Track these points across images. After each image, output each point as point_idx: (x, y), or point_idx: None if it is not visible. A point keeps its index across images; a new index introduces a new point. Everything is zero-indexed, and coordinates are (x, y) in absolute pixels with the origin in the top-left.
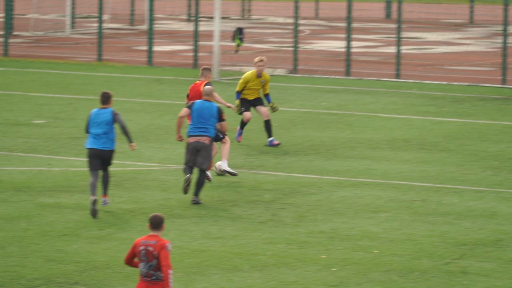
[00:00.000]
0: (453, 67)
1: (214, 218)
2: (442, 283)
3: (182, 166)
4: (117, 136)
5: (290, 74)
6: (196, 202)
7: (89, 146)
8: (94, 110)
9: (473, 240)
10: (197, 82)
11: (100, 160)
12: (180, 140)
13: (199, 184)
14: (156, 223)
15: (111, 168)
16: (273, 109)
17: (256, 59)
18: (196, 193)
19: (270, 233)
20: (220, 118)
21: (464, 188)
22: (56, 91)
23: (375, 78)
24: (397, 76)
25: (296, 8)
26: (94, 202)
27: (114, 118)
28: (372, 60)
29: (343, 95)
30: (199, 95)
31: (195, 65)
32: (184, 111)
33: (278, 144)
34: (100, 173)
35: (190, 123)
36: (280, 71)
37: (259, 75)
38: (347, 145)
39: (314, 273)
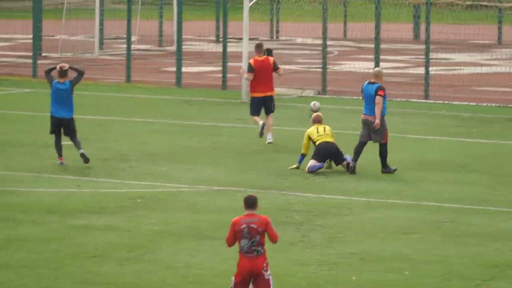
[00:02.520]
0: (482, 88)
1: None
2: None
3: (218, 187)
4: (141, 155)
5: (318, 95)
6: (387, 171)
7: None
8: (54, 82)
9: (505, 262)
10: (257, 57)
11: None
12: None
13: (382, 156)
14: (252, 202)
15: (142, 190)
16: None
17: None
18: (383, 164)
19: (300, 255)
20: (376, 94)
21: (495, 209)
22: (85, 112)
23: (404, 99)
24: (426, 97)
25: (325, 29)
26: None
27: (72, 88)
28: (401, 81)
29: None
30: (263, 70)
31: (224, 86)
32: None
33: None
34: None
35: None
36: (308, 92)
37: None
38: (377, 166)
39: None
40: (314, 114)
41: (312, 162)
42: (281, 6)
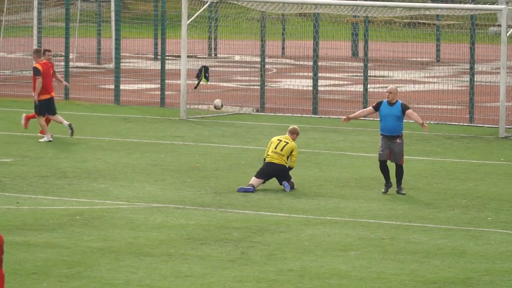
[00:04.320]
0: (420, 106)
1: (183, 257)
2: None
3: (156, 204)
4: (80, 173)
5: (257, 113)
6: (400, 192)
7: None
8: None
9: (443, 279)
10: (40, 62)
11: None
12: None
13: (398, 176)
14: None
15: (81, 207)
16: None
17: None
18: (398, 184)
19: (239, 272)
20: (404, 110)
21: (433, 227)
22: (23, 130)
23: (342, 117)
24: None
25: (263, 46)
26: None
27: None
28: (339, 98)
29: (310, 133)
30: (47, 73)
31: (162, 103)
32: (368, 110)
33: None
34: None
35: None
36: (247, 110)
37: None
38: (315, 183)
39: None
40: (291, 127)
41: (253, 180)
42: (219, 24)
